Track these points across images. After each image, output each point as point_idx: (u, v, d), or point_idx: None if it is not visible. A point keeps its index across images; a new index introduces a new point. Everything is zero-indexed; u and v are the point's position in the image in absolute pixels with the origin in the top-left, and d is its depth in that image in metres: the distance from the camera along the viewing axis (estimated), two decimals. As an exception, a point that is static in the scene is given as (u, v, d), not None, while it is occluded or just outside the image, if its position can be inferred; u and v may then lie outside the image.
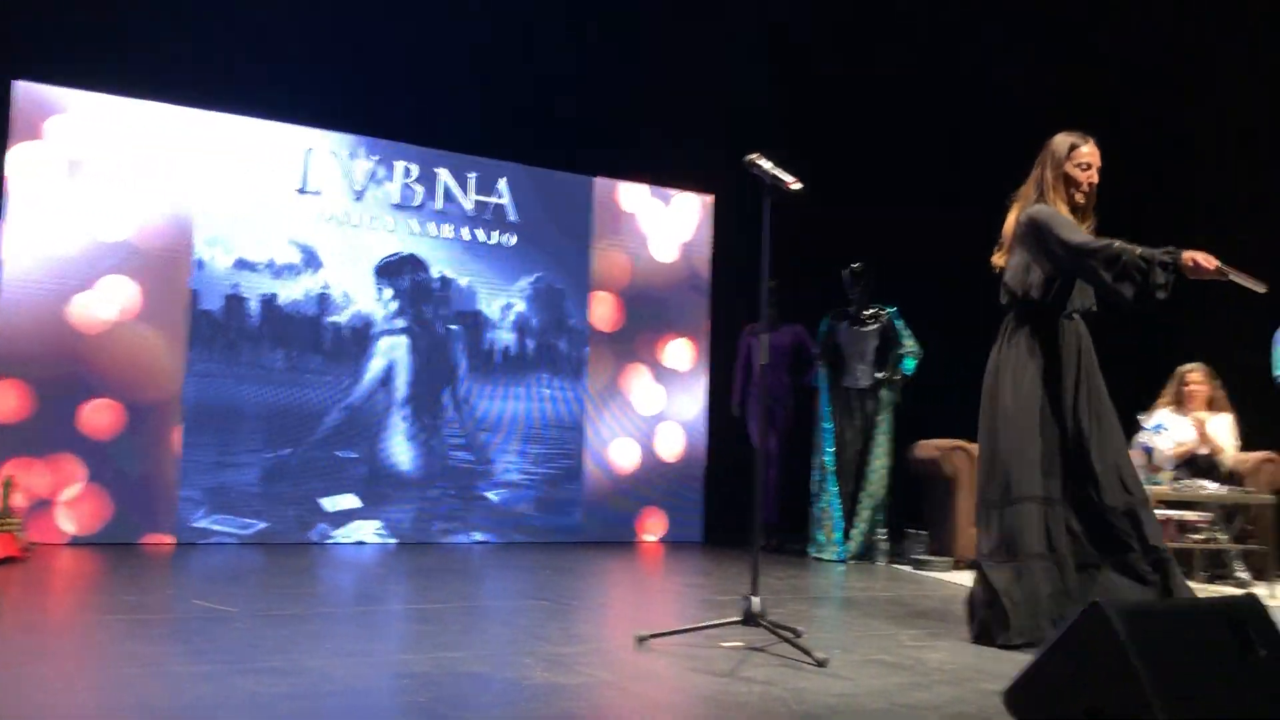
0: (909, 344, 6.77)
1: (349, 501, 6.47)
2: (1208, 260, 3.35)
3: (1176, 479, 5.79)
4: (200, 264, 6.17)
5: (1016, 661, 3.09)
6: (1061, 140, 3.79)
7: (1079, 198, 3.75)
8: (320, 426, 6.42)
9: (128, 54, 6.25)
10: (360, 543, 6.43)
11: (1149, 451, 5.85)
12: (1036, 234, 3.67)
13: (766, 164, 3.59)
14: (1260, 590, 5.23)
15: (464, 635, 3.45)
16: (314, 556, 5.73)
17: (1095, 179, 3.76)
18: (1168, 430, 5.98)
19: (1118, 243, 3.48)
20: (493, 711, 2.50)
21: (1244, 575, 5.70)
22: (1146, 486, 5.64)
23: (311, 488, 6.37)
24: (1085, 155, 3.76)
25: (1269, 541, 5.75)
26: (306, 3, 6.77)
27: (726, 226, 7.79)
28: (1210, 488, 5.67)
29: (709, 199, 7.81)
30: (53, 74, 5.91)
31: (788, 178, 3.55)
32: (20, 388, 5.71)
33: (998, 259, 3.92)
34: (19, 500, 5.45)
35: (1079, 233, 3.61)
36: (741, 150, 3.71)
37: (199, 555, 5.57)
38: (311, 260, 6.48)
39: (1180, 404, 6.23)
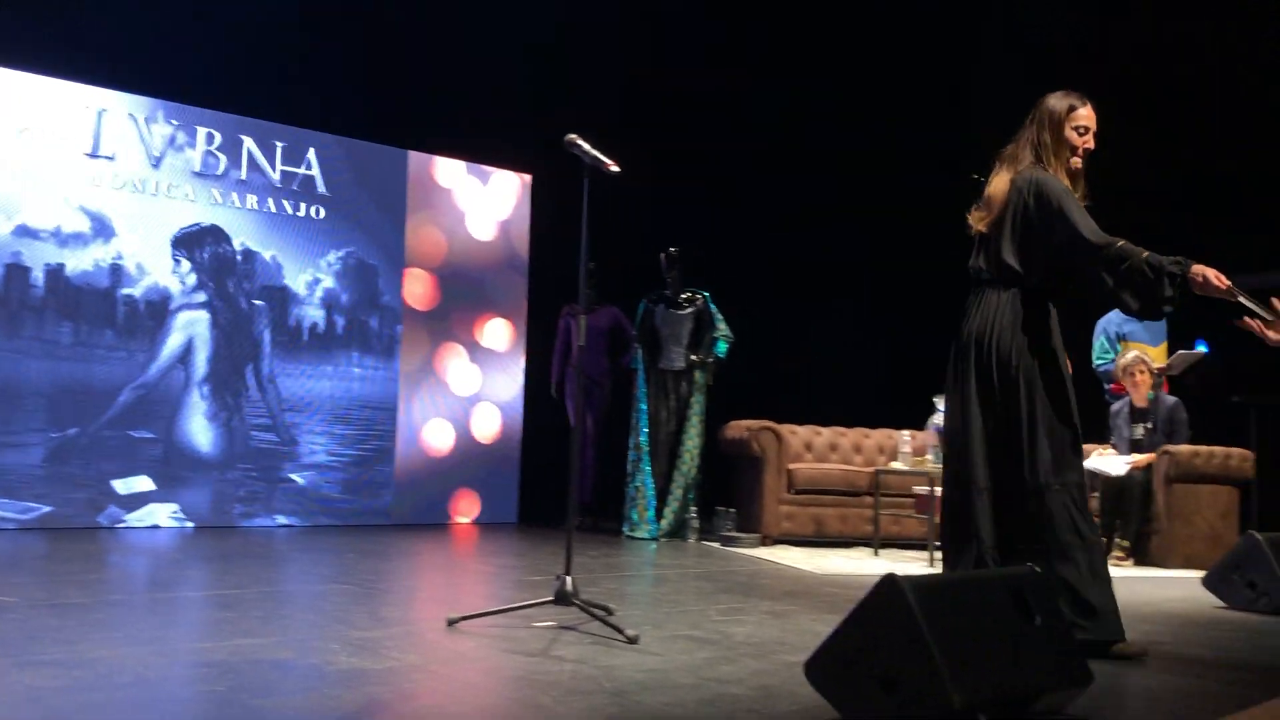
0: (722, 328, 6.93)
1: (143, 484, 6.13)
2: (1219, 279, 3.05)
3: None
4: (-25, 229, 5.71)
5: (816, 634, 3.22)
6: (1059, 100, 3.45)
7: (1075, 162, 3.43)
8: (112, 405, 6.06)
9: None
10: (155, 526, 6.12)
11: (941, 432, 6.16)
12: (1042, 208, 3.31)
13: (586, 145, 3.59)
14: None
15: (265, 621, 3.33)
16: (104, 541, 5.41)
17: (1092, 144, 3.45)
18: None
19: (1121, 242, 3.17)
20: (295, 699, 2.43)
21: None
22: (937, 465, 5.99)
23: (102, 469, 6.01)
24: (1083, 118, 3.43)
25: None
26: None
27: (545, 207, 7.76)
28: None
29: (527, 178, 7.76)
30: None
31: (606, 160, 3.57)
32: None
33: (978, 222, 3.50)
34: None
35: (1088, 222, 3.26)
36: (561, 131, 3.70)
37: (-28, 543, 5.18)
38: (103, 229, 6.09)
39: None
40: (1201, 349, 6.51)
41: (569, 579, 3.38)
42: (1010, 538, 3.28)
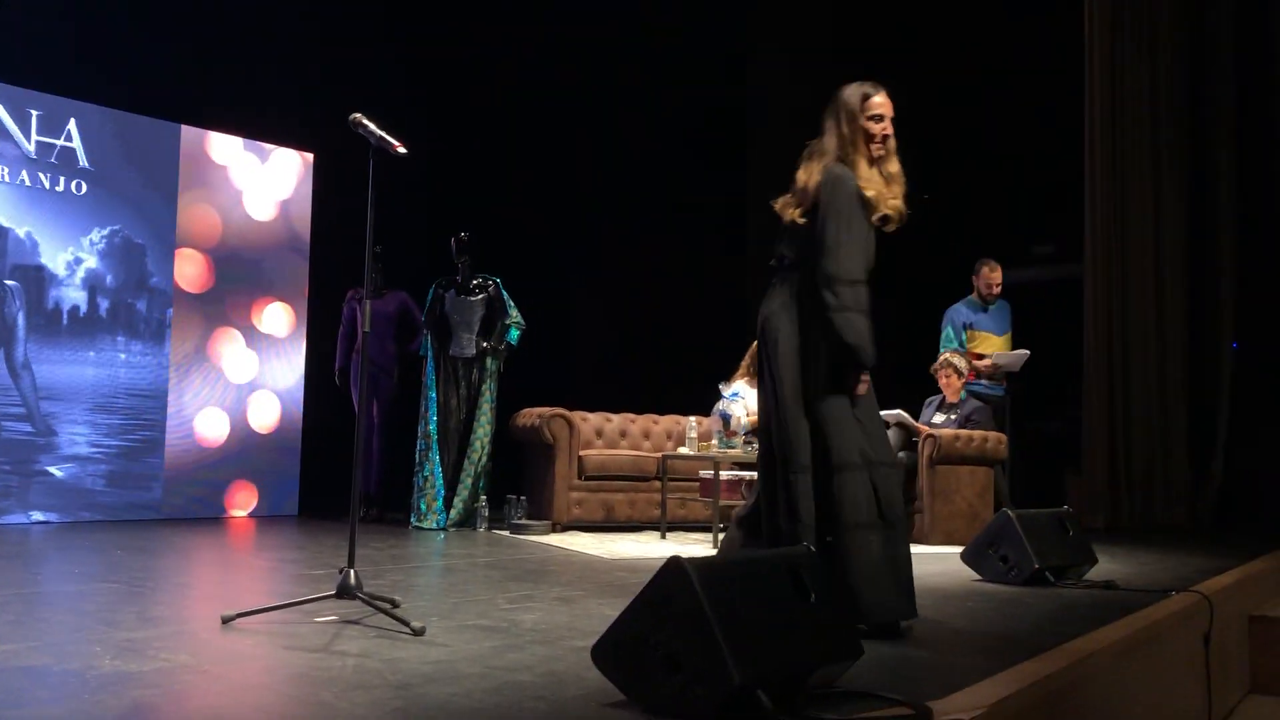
0: (514, 314, 6.90)
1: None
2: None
3: (749, 443, 6.35)
4: None
5: (606, 618, 3.26)
6: (853, 90, 3.49)
7: (876, 150, 3.46)
8: None
9: None
10: (-113, 528, 5.57)
11: (726, 418, 6.36)
12: (825, 208, 3.36)
13: (372, 125, 3.50)
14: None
15: (17, 625, 3.08)
16: None
17: (889, 129, 3.47)
18: (743, 398, 6.53)
19: (849, 290, 3.30)
20: (52, 707, 2.26)
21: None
22: (721, 450, 6.17)
23: None
24: (878, 105, 3.47)
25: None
26: None
27: (328, 187, 7.51)
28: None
29: (310, 157, 7.48)
30: None
31: (393, 141, 3.48)
32: None
33: (789, 211, 3.50)
34: None
35: (860, 254, 3.36)
36: (347, 109, 3.59)
37: None
38: None
39: (755, 375, 6.83)
40: (1024, 351, 7.02)
41: (353, 572, 3.29)
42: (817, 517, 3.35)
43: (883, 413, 3.94)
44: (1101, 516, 7.78)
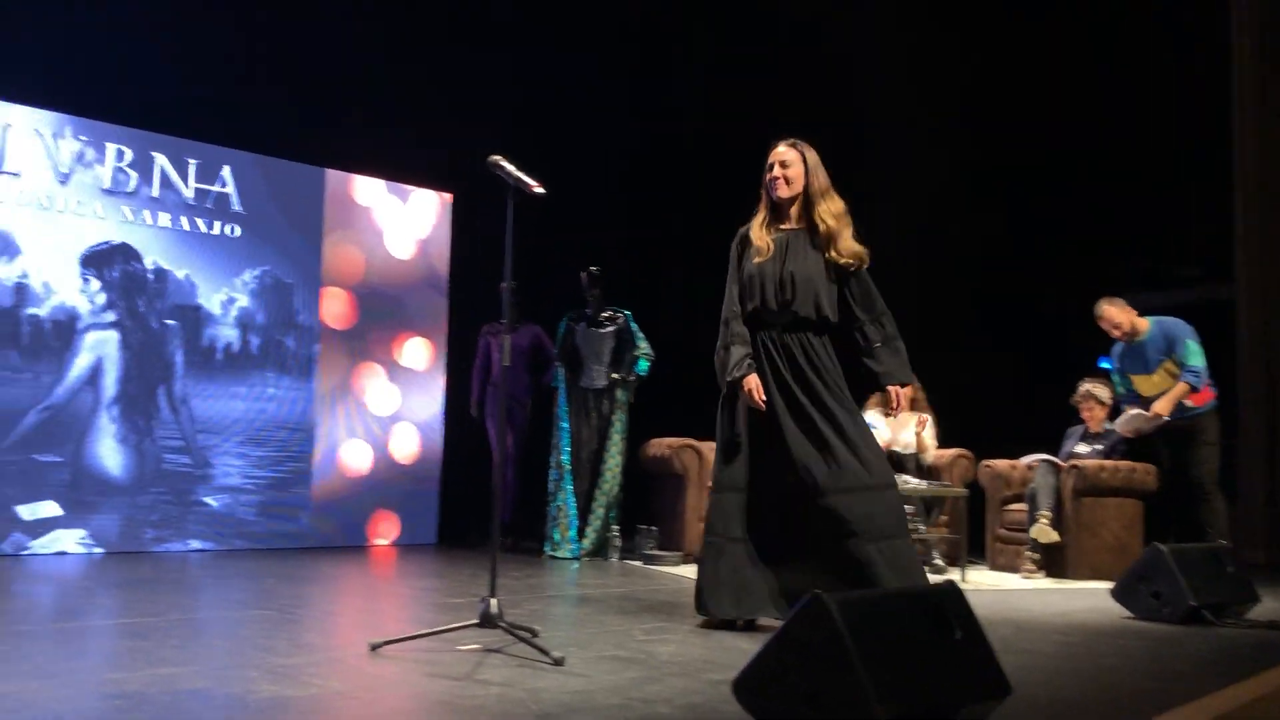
0: (643, 346, 6.96)
1: (49, 509, 5.94)
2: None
3: (883, 474, 6.24)
4: None
5: (744, 652, 3.25)
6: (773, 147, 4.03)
7: (775, 192, 3.97)
8: (17, 428, 5.87)
9: None
10: (62, 553, 5.93)
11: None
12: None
13: (510, 166, 3.59)
14: (954, 575, 5.75)
15: (181, 650, 3.25)
16: (7, 569, 5.23)
17: (779, 175, 3.95)
18: (877, 428, 6.44)
19: (734, 344, 3.97)
20: (216, 730, 2.38)
21: (940, 562, 6.23)
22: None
23: (5, 495, 5.80)
24: (771, 156, 3.99)
25: (961, 531, 6.31)
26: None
27: (465, 225, 7.73)
28: (912, 482, 6.16)
29: (448, 197, 7.72)
30: None
31: (531, 181, 3.57)
32: None
33: None
34: None
35: (733, 301, 4.04)
36: (482, 151, 3.70)
37: None
38: (7, 247, 5.90)
39: (884, 405, 6.72)
40: (1134, 413, 6.26)
41: (494, 601, 3.36)
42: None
43: (1025, 459, 4.50)
44: (1261, 551, 7.38)
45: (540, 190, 3.60)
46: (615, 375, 6.92)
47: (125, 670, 2.97)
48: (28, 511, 5.88)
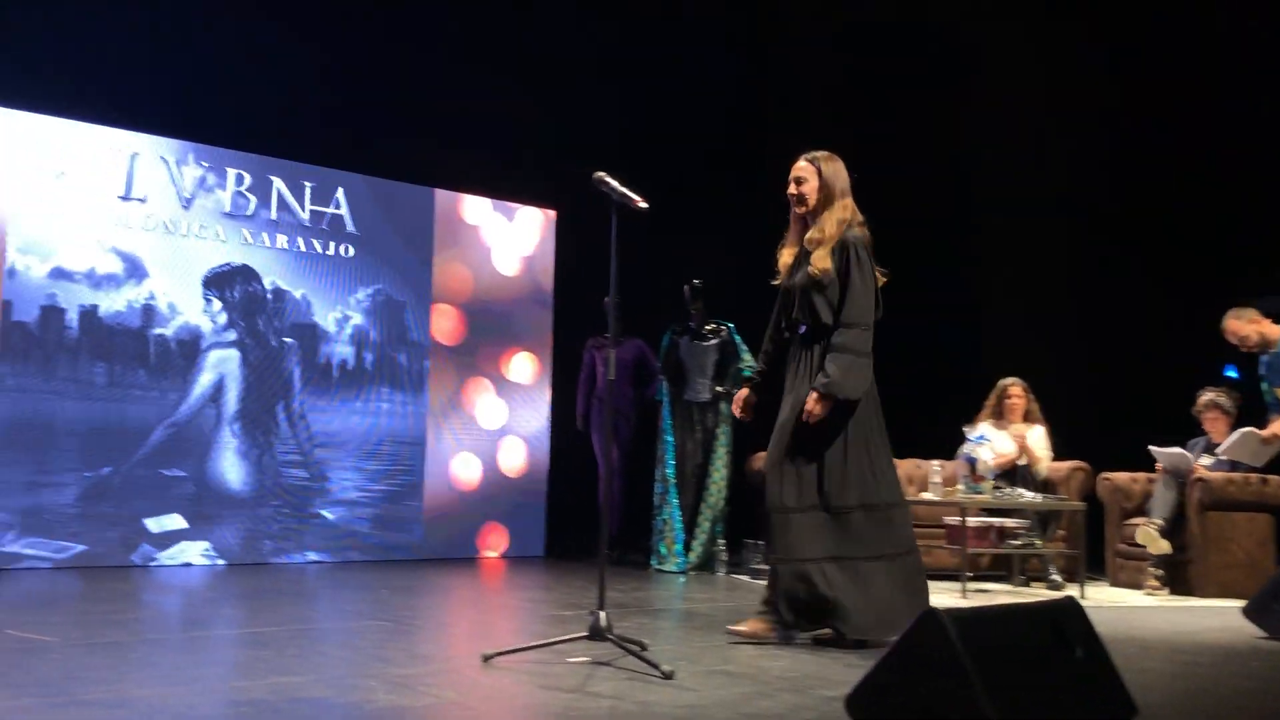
0: (747, 358, 6.93)
1: (175, 522, 6.18)
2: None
3: (997, 488, 6.10)
4: (12, 273, 5.80)
5: (854, 667, 3.20)
6: None
7: (794, 208, 4.04)
8: (145, 444, 6.12)
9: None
10: (187, 564, 6.16)
11: (972, 462, 6.14)
12: None
13: (614, 182, 3.63)
14: (1072, 591, 5.58)
15: (301, 659, 3.34)
16: (137, 580, 5.46)
17: (793, 192, 4.00)
18: (989, 441, 6.30)
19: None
20: (336, 737, 2.44)
21: (1057, 578, 6.05)
22: (968, 494, 5.96)
23: (135, 508, 6.06)
24: (791, 170, 4.04)
25: (1079, 545, 6.12)
26: (132, 7, 6.46)
27: (569, 241, 7.82)
28: (1028, 496, 6.00)
29: (552, 214, 7.82)
30: None
31: (635, 196, 3.60)
32: None
33: None
34: None
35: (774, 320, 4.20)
36: (587, 167, 3.74)
37: (9, 581, 5.22)
38: (135, 270, 6.18)
39: (1001, 417, 6.57)
40: (1244, 431, 6.00)
41: (602, 614, 3.37)
42: None
43: (1155, 449, 4.23)
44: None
45: (644, 205, 3.63)
46: (719, 388, 6.91)
47: (249, 678, 3.07)
48: (155, 524, 6.13)
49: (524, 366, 7.61)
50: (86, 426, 5.96)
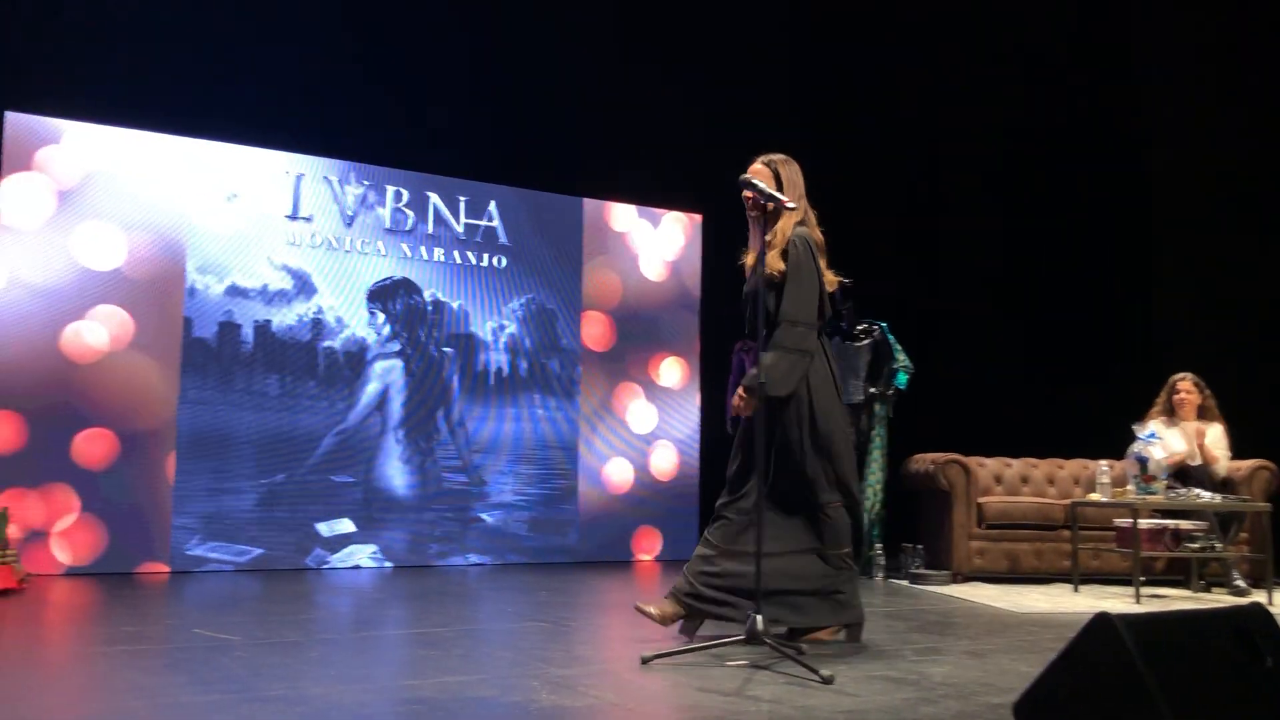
0: (901, 358, 6.80)
1: (345, 526, 6.45)
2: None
3: (1170, 488, 5.82)
4: (192, 291, 6.17)
5: (1020, 674, 3.11)
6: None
7: (750, 214, 3.90)
8: (316, 451, 6.42)
9: (118, 84, 6.28)
10: (357, 567, 6.42)
11: (1143, 461, 5.88)
12: None
13: (760, 183, 3.62)
14: (1259, 596, 5.27)
15: (466, 659, 3.44)
16: (311, 582, 5.71)
17: (748, 195, 3.82)
18: (1161, 439, 6.01)
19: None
20: (502, 736, 2.50)
21: (1241, 583, 5.73)
22: (1139, 495, 5.70)
23: (307, 513, 6.36)
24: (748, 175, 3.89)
25: (1265, 549, 5.78)
26: (297, 32, 6.80)
27: (714, 244, 7.82)
28: (1205, 496, 5.70)
29: (697, 218, 7.85)
30: (44, 105, 5.92)
31: (782, 197, 3.58)
32: (13, 419, 5.69)
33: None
34: (13, 531, 5.42)
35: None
36: (731, 171, 3.75)
37: (194, 583, 5.55)
38: (304, 286, 6.48)
39: (1172, 413, 6.27)
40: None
41: (759, 617, 3.36)
42: None
43: None
44: None
45: (792, 206, 3.61)
46: (873, 389, 6.80)
47: (417, 677, 3.17)
48: (326, 528, 6.41)
49: (673, 371, 7.65)
50: (261, 435, 6.28)
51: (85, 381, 5.86)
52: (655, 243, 7.68)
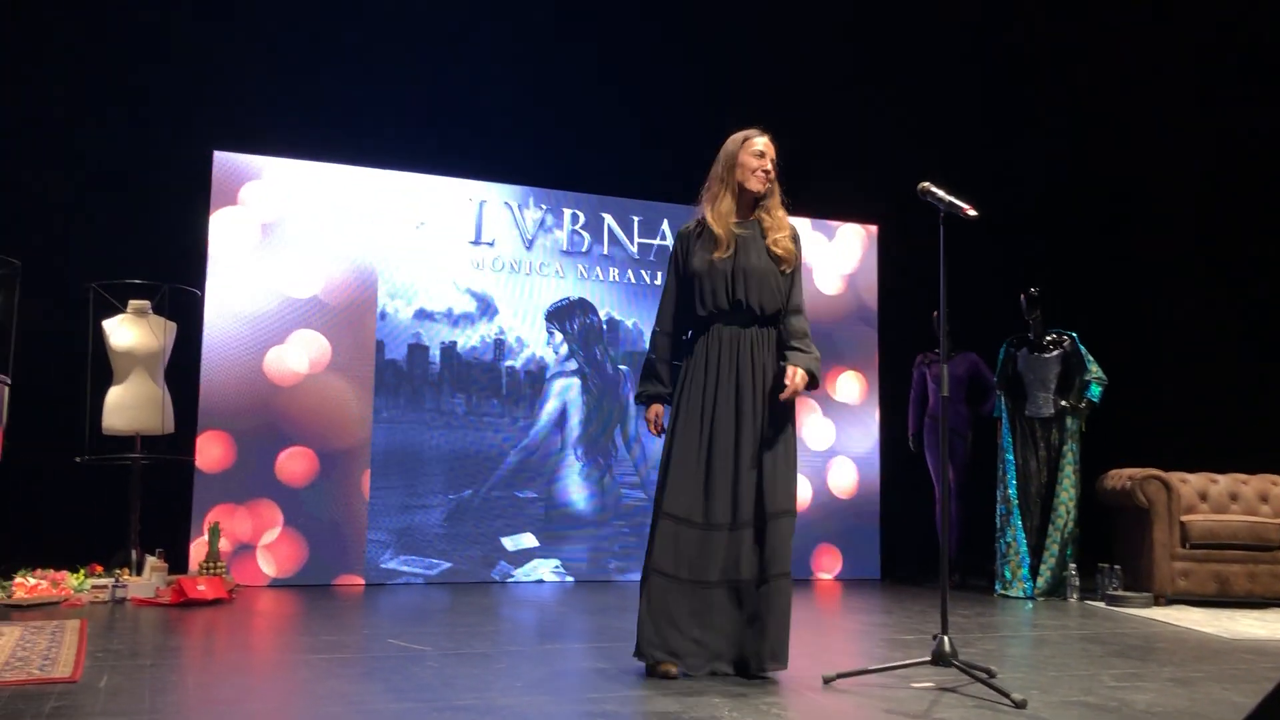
0: (1094, 370, 6.49)
1: (528, 540, 6.61)
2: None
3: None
4: (383, 315, 6.46)
5: (1233, 705, 2.91)
6: (734, 137, 3.86)
7: (755, 185, 3.77)
8: (499, 468, 6.61)
9: (312, 122, 6.68)
10: (540, 581, 6.56)
11: None
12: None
13: (940, 192, 3.53)
14: None
15: (647, 674, 3.46)
16: (496, 595, 5.87)
17: (768, 166, 3.79)
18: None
19: (658, 346, 3.80)
20: (685, 751, 2.50)
21: None
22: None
23: (492, 527, 6.54)
24: (759, 144, 3.82)
25: None
26: (473, 66, 7.07)
27: (890, 257, 7.68)
28: None
29: (872, 229, 7.71)
30: (247, 144, 6.33)
31: (964, 204, 3.49)
32: (223, 438, 6.08)
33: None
34: (224, 545, 5.79)
35: (666, 307, 3.84)
36: (907, 181, 3.67)
37: (387, 595, 5.79)
38: (487, 309, 6.70)
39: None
40: None
41: (947, 639, 3.27)
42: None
43: None
44: None
45: (973, 214, 3.50)
46: (1064, 402, 6.51)
47: (600, 690, 3.22)
48: (510, 543, 6.58)
49: (850, 386, 7.53)
50: (449, 453, 6.51)
51: (287, 403, 6.21)
52: (830, 256, 7.58)
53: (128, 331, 5.90)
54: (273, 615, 4.98)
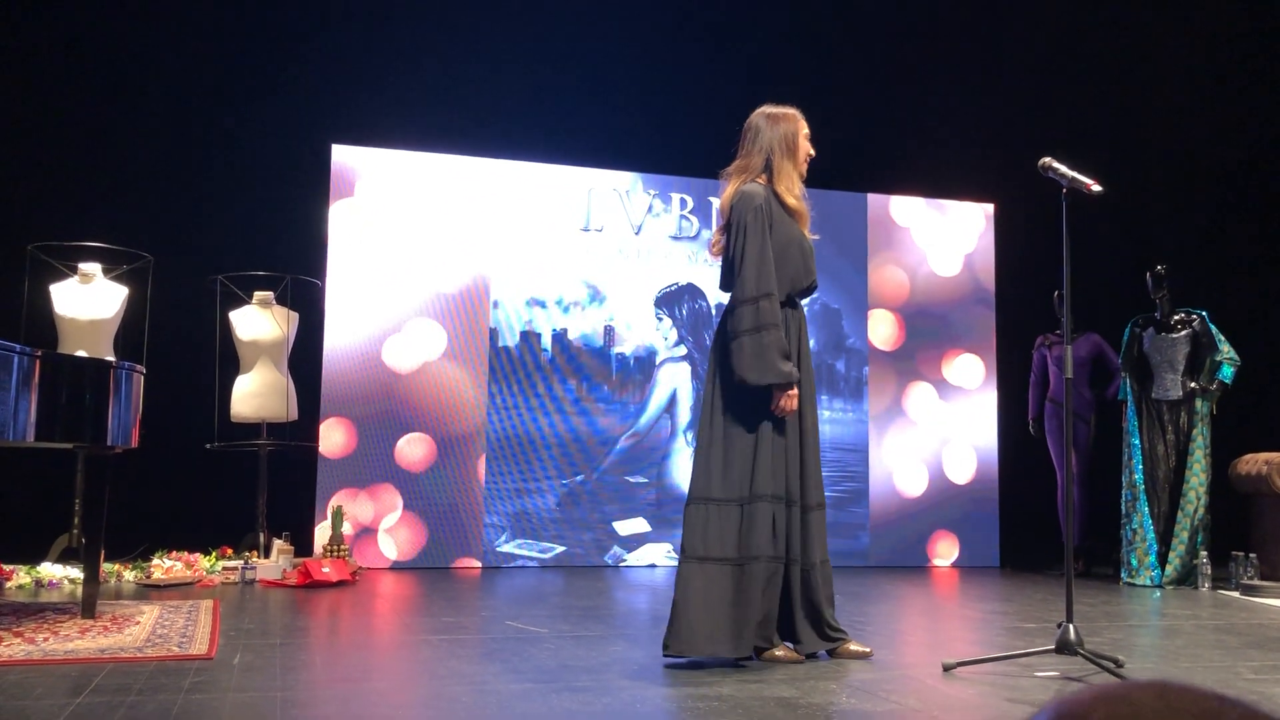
0: (1225, 350, 6.22)
1: (639, 525, 6.65)
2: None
3: None
4: (497, 304, 6.55)
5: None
6: (788, 115, 3.71)
7: (803, 169, 3.71)
8: (611, 453, 6.65)
9: (427, 114, 6.80)
10: (651, 565, 6.59)
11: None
12: (744, 228, 3.49)
13: (1063, 167, 3.42)
14: None
15: (763, 660, 3.44)
16: (609, 578, 5.92)
17: (812, 151, 3.72)
18: None
19: (777, 315, 3.38)
20: (802, 737, 2.48)
21: None
22: None
23: (605, 512, 6.60)
24: (806, 128, 3.73)
25: None
26: (580, 54, 7.11)
27: (1009, 235, 7.47)
28: None
29: (990, 208, 7.51)
30: (363, 137, 6.48)
31: (1087, 180, 3.37)
32: (346, 425, 6.25)
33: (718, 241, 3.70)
34: (347, 529, 5.96)
35: (769, 273, 3.43)
36: (1029, 156, 3.56)
37: (504, 578, 5.89)
38: (596, 295, 6.74)
39: None
40: None
41: (1072, 627, 3.17)
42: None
43: None
44: None
45: (1098, 189, 3.38)
46: (1193, 384, 6.25)
47: (714, 675, 3.21)
48: (623, 527, 6.63)
49: (967, 369, 7.36)
50: (561, 438, 6.58)
51: (406, 390, 6.36)
52: (946, 236, 7.42)
53: (253, 322, 6.11)
54: (394, 597, 5.11)
